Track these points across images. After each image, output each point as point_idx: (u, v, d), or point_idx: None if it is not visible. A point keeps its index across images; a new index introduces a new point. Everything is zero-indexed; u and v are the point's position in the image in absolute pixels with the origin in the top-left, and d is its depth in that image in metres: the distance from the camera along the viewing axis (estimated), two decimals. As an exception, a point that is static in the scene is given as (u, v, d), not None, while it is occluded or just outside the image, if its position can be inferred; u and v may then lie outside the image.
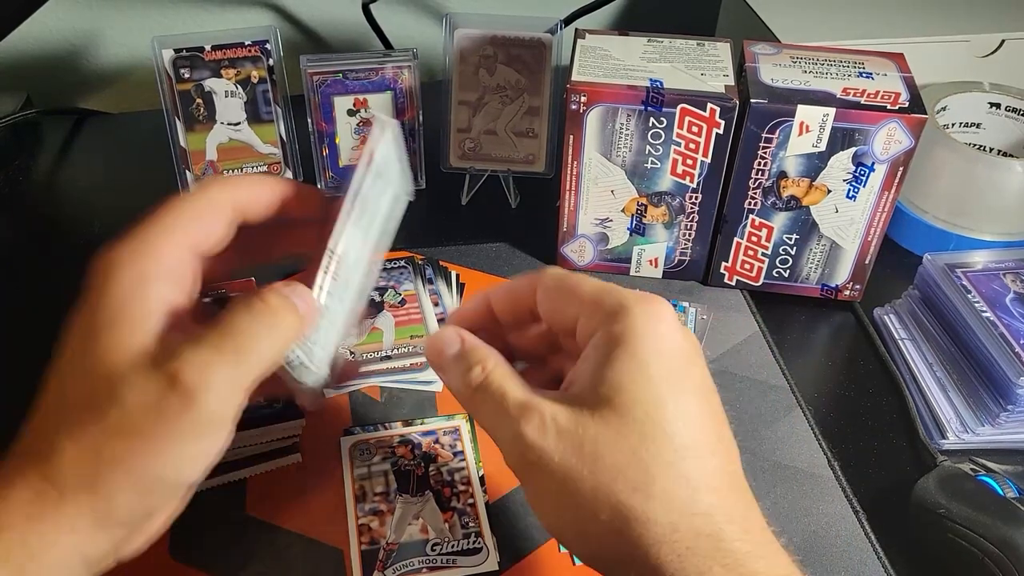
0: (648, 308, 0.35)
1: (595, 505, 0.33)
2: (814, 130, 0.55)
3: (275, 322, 0.35)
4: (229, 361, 0.34)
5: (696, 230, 0.61)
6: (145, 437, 0.33)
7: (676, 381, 0.34)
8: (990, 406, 0.52)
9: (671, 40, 0.60)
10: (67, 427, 0.33)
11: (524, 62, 0.67)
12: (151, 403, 0.33)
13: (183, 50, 0.63)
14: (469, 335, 0.39)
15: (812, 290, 0.63)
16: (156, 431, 0.33)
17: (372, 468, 0.50)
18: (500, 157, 0.71)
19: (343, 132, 0.69)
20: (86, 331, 0.35)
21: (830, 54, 0.59)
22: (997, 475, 0.49)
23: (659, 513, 0.32)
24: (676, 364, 0.35)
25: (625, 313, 0.35)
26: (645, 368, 0.34)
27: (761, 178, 0.58)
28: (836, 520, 0.49)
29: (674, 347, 0.35)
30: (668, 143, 0.57)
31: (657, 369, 0.34)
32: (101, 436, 0.33)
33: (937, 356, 0.57)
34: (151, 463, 0.33)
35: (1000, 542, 0.44)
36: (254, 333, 0.35)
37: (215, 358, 0.33)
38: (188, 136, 0.65)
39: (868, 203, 0.57)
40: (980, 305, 0.54)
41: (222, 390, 0.33)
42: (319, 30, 0.90)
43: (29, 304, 0.62)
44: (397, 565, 0.45)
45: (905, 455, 0.53)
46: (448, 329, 0.40)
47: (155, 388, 0.33)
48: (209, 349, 0.34)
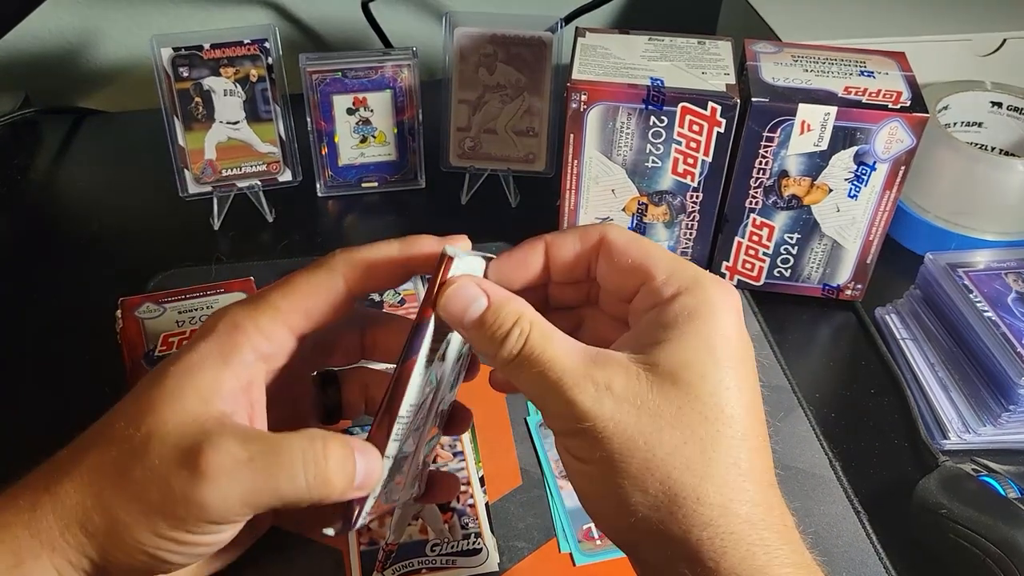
0: (723, 290, 0.35)
1: (645, 477, 0.32)
2: (815, 129, 0.55)
3: (322, 475, 0.33)
4: (258, 471, 0.32)
5: (697, 229, 0.61)
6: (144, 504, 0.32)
7: (739, 369, 0.33)
8: (992, 406, 0.52)
9: (672, 38, 0.60)
10: (91, 452, 0.33)
11: (524, 61, 0.67)
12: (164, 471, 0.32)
13: (182, 49, 0.63)
14: (494, 288, 0.35)
15: (813, 290, 0.63)
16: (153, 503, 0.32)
17: (372, 468, 0.49)
18: (500, 156, 0.70)
19: (342, 131, 0.69)
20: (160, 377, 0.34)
21: (831, 53, 0.59)
22: (999, 475, 0.49)
23: (711, 495, 0.31)
24: (741, 353, 0.34)
25: (701, 290, 0.34)
26: (713, 350, 0.33)
27: (762, 177, 0.58)
28: (837, 520, 0.49)
29: (741, 336, 0.34)
30: (669, 142, 0.57)
31: (724, 353, 0.33)
32: (117, 472, 0.32)
33: (939, 356, 0.57)
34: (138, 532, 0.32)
35: (1002, 542, 0.44)
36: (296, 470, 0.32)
37: (244, 459, 0.32)
38: (187, 135, 0.65)
39: (870, 202, 0.57)
40: (982, 305, 0.54)
41: (232, 492, 0.32)
42: (318, 29, 0.89)
43: (28, 304, 0.62)
44: (397, 566, 0.45)
45: (906, 455, 0.53)
46: (467, 282, 0.34)
47: (177, 457, 0.32)
48: (245, 450, 0.32)
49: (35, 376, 0.56)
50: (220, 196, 0.68)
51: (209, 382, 0.33)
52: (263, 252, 0.67)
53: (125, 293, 0.57)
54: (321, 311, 0.36)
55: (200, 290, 0.57)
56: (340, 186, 0.71)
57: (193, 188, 0.67)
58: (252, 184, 0.68)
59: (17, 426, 0.52)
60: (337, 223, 0.71)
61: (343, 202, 0.72)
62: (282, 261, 0.64)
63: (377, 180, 0.72)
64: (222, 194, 0.68)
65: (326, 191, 0.71)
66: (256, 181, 0.68)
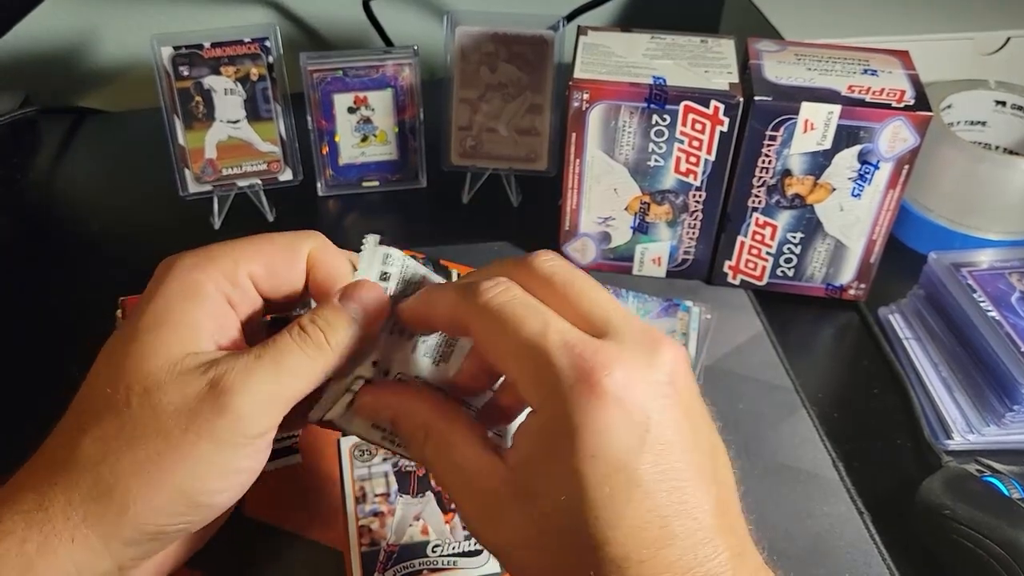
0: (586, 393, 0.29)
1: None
2: (819, 128, 0.54)
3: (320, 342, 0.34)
4: (269, 370, 0.32)
5: (700, 228, 0.61)
6: (172, 442, 0.31)
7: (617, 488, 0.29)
8: (995, 406, 0.52)
9: (674, 37, 0.60)
10: (89, 429, 0.32)
11: (526, 59, 0.67)
12: (183, 405, 0.31)
13: (182, 48, 0.63)
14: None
15: (817, 289, 0.63)
16: (185, 436, 0.31)
17: (372, 469, 0.49)
18: (502, 155, 0.70)
19: (343, 130, 0.69)
20: (128, 333, 0.33)
21: (835, 51, 0.59)
22: (1003, 476, 0.49)
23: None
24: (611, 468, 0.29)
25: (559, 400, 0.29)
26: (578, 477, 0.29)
27: (765, 176, 0.57)
28: (841, 521, 0.49)
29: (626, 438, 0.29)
30: (671, 141, 0.57)
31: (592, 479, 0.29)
32: (124, 440, 0.31)
33: (942, 356, 0.56)
34: (175, 471, 0.31)
35: (1005, 543, 0.44)
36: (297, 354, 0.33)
37: (255, 365, 0.32)
38: (187, 134, 0.65)
39: (873, 201, 0.57)
40: (986, 304, 0.54)
41: (259, 399, 0.32)
42: (319, 27, 0.89)
43: (28, 304, 0.62)
44: (398, 567, 0.45)
45: (910, 456, 0.53)
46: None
47: (191, 391, 0.31)
48: (251, 357, 0.32)
49: (35, 376, 0.56)
50: (220, 195, 0.68)
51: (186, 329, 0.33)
52: (264, 252, 0.66)
53: (125, 293, 0.57)
54: (280, 269, 0.36)
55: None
56: (341, 185, 0.71)
57: (193, 187, 0.67)
58: (253, 183, 0.68)
59: (17, 426, 0.51)
60: (338, 222, 0.71)
61: (344, 201, 0.72)
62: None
63: (378, 179, 0.72)
64: (222, 193, 0.68)
65: (327, 190, 0.71)
66: (257, 180, 0.68)
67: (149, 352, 0.32)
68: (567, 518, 0.29)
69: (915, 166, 0.55)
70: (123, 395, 0.32)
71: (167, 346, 0.32)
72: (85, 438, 0.32)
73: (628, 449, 0.29)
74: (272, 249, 0.36)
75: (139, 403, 0.31)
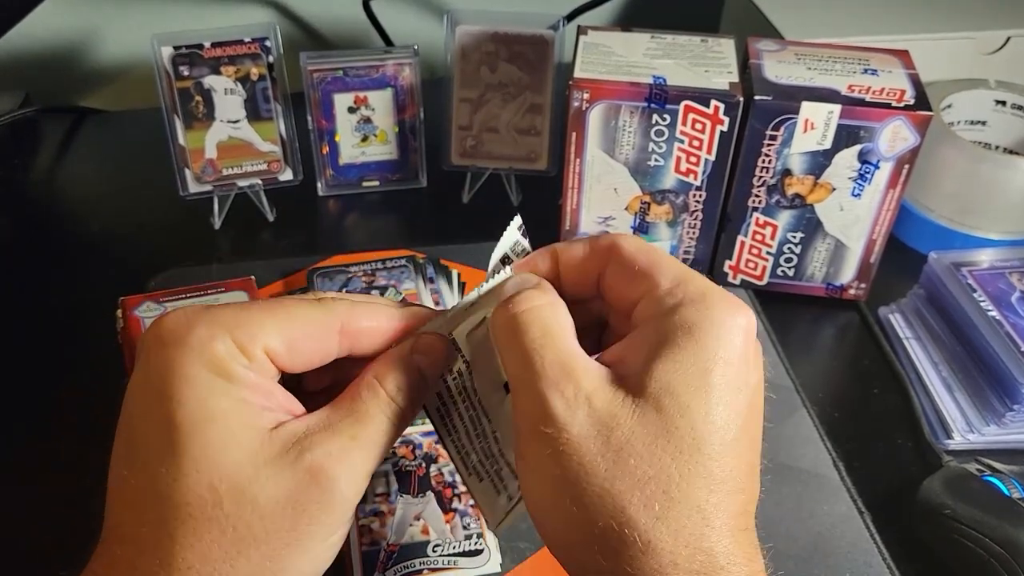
0: (732, 308, 0.31)
1: (597, 508, 0.29)
2: (819, 127, 0.54)
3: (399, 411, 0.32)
4: (368, 451, 0.31)
5: (700, 228, 0.61)
6: (284, 539, 0.29)
7: (734, 401, 0.30)
8: (996, 406, 0.52)
9: (674, 37, 0.60)
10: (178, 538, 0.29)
11: (526, 59, 0.67)
12: (286, 500, 0.29)
13: (182, 47, 0.63)
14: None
15: (817, 289, 0.63)
16: (295, 532, 0.29)
17: (373, 469, 0.49)
18: (502, 155, 0.70)
19: (343, 130, 0.69)
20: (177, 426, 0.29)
21: (835, 51, 0.59)
22: (1003, 475, 0.49)
23: (664, 540, 0.28)
24: (740, 382, 0.30)
25: (705, 304, 0.31)
26: (705, 375, 0.30)
27: (765, 176, 0.57)
28: (841, 521, 0.49)
29: (745, 362, 0.31)
30: (671, 140, 0.57)
31: (718, 379, 0.30)
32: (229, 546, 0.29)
33: (942, 356, 0.56)
34: (293, 563, 0.30)
35: (1006, 543, 0.44)
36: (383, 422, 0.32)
37: (352, 446, 0.31)
38: (187, 134, 0.65)
39: (873, 201, 0.57)
40: (986, 304, 0.54)
41: (361, 479, 0.31)
42: (319, 27, 0.89)
43: (29, 303, 0.62)
44: (398, 566, 0.45)
45: (910, 455, 0.53)
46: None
47: (289, 483, 0.29)
48: (346, 438, 0.31)
49: (35, 376, 0.56)
50: (221, 195, 0.68)
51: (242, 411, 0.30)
52: (264, 251, 0.66)
53: (125, 293, 0.57)
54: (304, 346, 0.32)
55: (200, 289, 0.57)
56: (341, 185, 0.71)
57: (194, 187, 0.67)
58: (253, 183, 0.68)
59: (17, 426, 0.52)
60: (338, 222, 0.71)
61: (344, 201, 0.72)
62: (283, 260, 0.64)
63: (378, 179, 0.72)
64: (223, 193, 0.68)
65: (327, 190, 0.71)
66: (257, 180, 0.68)
67: (218, 444, 0.29)
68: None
69: (915, 166, 0.55)
70: (209, 497, 0.29)
71: (233, 433, 0.29)
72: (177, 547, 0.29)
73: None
74: (293, 326, 0.32)
75: (233, 503, 0.29)
